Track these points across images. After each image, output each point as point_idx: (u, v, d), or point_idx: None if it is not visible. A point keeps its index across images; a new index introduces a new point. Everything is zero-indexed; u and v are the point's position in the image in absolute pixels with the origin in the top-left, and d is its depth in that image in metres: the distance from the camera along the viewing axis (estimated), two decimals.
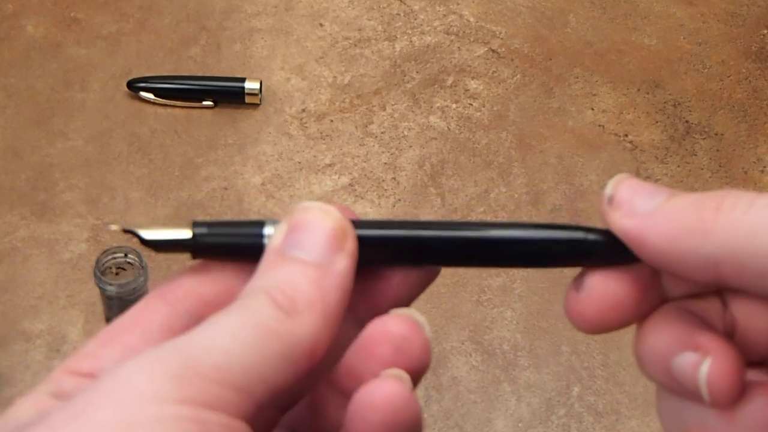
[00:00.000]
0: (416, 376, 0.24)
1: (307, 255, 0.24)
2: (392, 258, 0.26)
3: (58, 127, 0.84)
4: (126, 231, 0.25)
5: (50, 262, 0.76)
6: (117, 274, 0.70)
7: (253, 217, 0.79)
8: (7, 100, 0.86)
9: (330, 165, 0.84)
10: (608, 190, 0.26)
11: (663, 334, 0.25)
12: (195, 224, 0.25)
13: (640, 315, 0.26)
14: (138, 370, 0.21)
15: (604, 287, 0.25)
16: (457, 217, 0.81)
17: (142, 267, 0.67)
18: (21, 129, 0.84)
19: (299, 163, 0.84)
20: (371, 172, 0.84)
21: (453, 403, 0.71)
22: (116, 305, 0.67)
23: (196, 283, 0.26)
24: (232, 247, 0.25)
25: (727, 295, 0.26)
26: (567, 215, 0.82)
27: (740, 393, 0.24)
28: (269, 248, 0.24)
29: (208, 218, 0.27)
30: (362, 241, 0.25)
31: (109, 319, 0.66)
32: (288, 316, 0.23)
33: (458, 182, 0.84)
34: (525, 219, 0.81)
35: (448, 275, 0.77)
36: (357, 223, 0.25)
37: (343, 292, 0.24)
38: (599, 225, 0.26)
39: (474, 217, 0.81)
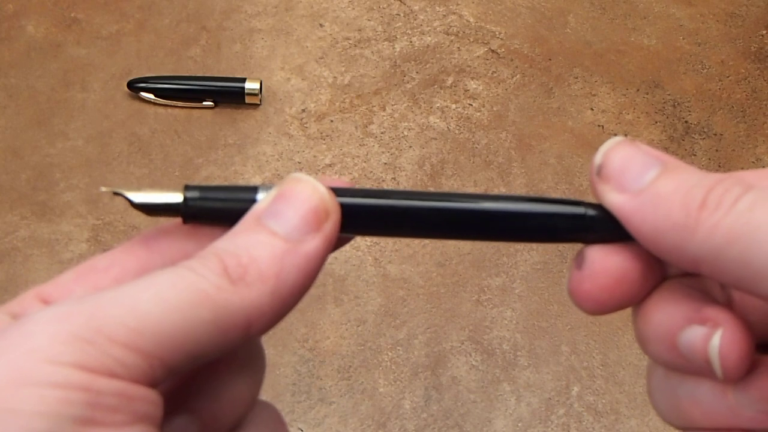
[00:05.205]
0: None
1: (280, 227, 0.23)
2: (382, 228, 0.26)
3: (58, 127, 0.84)
4: (115, 193, 0.25)
5: (50, 262, 0.76)
6: None
7: None
8: (8, 100, 0.86)
9: (330, 165, 0.84)
10: (598, 158, 0.25)
11: (668, 310, 0.24)
12: (187, 188, 0.24)
13: (643, 292, 0.25)
14: (44, 326, 0.21)
15: (606, 261, 0.25)
16: None
17: None
18: (21, 129, 0.84)
19: (299, 163, 0.84)
20: (371, 172, 0.84)
21: (453, 402, 0.72)
22: None
23: (182, 236, 0.25)
24: (224, 212, 0.24)
25: None
26: None
27: (751, 365, 0.23)
28: (251, 211, 0.24)
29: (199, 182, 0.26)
30: (350, 208, 0.24)
31: None
32: (231, 284, 0.22)
33: (458, 182, 0.84)
34: None
35: (448, 275, 0.77)
36: (346, 192, 0.25)
37: (304, 273, 0.23)
38: None
39: None
